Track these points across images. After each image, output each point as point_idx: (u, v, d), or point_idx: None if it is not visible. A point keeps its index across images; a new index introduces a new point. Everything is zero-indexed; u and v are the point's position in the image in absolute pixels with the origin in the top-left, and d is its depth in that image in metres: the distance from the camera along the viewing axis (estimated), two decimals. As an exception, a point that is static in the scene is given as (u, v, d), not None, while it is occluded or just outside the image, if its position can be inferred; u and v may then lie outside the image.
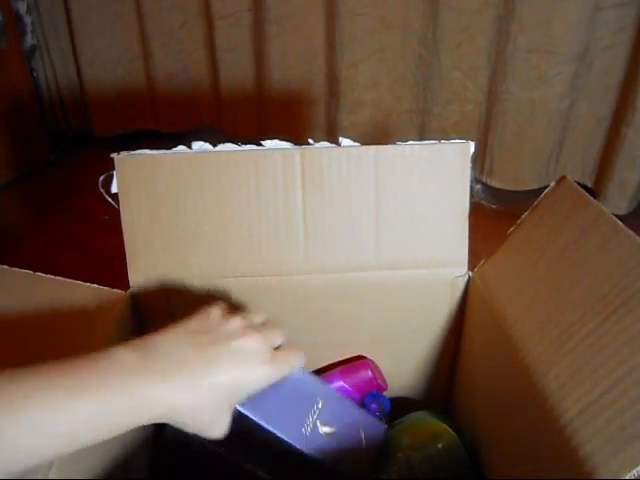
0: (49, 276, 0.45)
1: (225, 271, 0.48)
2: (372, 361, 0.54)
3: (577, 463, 0.29)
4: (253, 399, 0.35)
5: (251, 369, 0.34)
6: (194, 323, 0.35)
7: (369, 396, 0.53)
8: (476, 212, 0.49)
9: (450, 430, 0.48)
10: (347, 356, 0.55)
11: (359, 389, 0.52)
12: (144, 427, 0.50)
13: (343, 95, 1.26)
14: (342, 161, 0.46)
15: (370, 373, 0.52)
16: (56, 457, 0.31)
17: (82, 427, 0.28)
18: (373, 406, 0.52)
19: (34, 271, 0.45)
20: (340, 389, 0.52)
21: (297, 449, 0.39)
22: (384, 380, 0.54)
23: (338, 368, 0.53)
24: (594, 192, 1.14)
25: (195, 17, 1.38)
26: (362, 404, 0.53)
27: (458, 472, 0.46)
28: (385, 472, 0.47)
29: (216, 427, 0.33)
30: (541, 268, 0.41)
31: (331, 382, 0.52)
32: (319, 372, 0.55)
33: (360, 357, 0.54)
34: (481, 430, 0.47)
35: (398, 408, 0.54)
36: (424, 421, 0.51)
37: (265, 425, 0.37)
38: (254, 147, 0.47)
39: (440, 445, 0.47)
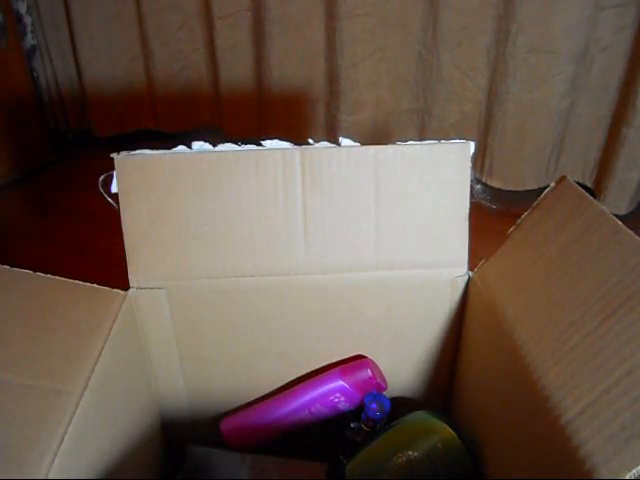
0: (49, 276, 0.45)
1: (225, 271, 0.48)
2: (372, 361, 0.54)
3: (577, 463, 0.29)
4: None
5: None
6: None
7: (369, 396, 0.53)
8: (476, 212, 0.49)
9: (450, 429, 0.48)
10: (346, 356, 0.55)
11: (359, 388, 0.52)
12: (148, 427, 0.50)
13: (343, 95, 1.26)
14: (342, 161, 0.46)
15: (370, 372, 0.52)
16: None
17: None
18: (373, 406, 0.52)
19: (34, 271, 0.45)
20: (340, 389, 0.52)
21: None
22: (384, 380, 0.54)
23: (337, 367, 0.53)
24: (594, 192, 1.14)
25: (195, 17, 1.38)
26: (362, 404, 0.53)
27: (459, 471, 0.46)
28: (385, 472, 0.47)
29: None
30: (541, 268, 0.42)
31: (331, 381, 0.52)
32: (317, 371, 0.55)
33: (359, 357, 0.54)
34: (481, 430, 0.47)
35: (398, 408, 0.54)
36: (424, 420, 0.51)
37: None
38: (254, 147, 0.47)
39: (440, 444, 0.47)
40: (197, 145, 0.47)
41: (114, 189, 0.46)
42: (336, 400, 0.53)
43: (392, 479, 0.46)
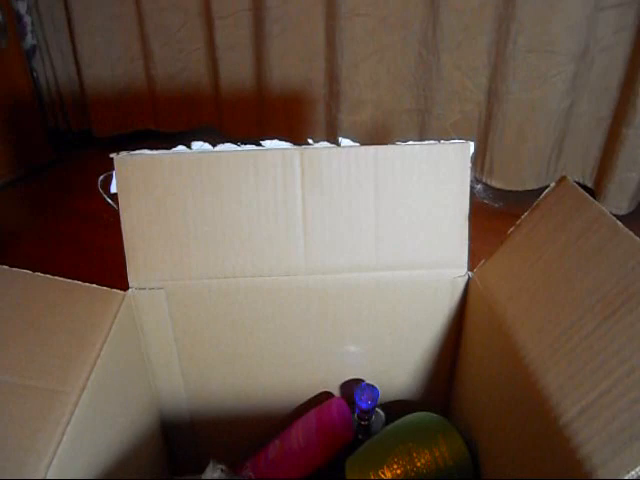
0: (48, 276, 0.45)
1: (225, 271, 0.48)
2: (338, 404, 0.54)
3: (576, 463, 0.29)
4: None
5: None
6: None
7: (357, 392, 0.52)
8: (476, 212, 0.49)
9: (448, 422, 0.48)
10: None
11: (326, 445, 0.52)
12: (148, 428, 0.50)
13: (343, 95, 1.26)
14: (342, 161, 0.46)
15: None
16: None
17: None
18: (364, 397, 0.52)
19: (33, 271, 0.45)
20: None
21: None
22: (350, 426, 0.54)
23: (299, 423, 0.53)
24: (594, 192, 1.14)
25: (195, 17, 1.38)
26: (353, 400, 0.53)
27: (458, 461, 0.46)
28: (385, 465, 0.47)
29: None
30: (541, 268, 0.41)
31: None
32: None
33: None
34: (480, 430, 0.47)
35: (397, 409, 0.54)
36: (423, 417, 0.51)
37: None
38: (254, 147, 0.47)
39: (439, 435, 0.47)
40: (197, 145, 0.47)
41: (113, 189, 0.46)
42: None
43: (392, 472, 0.46)
